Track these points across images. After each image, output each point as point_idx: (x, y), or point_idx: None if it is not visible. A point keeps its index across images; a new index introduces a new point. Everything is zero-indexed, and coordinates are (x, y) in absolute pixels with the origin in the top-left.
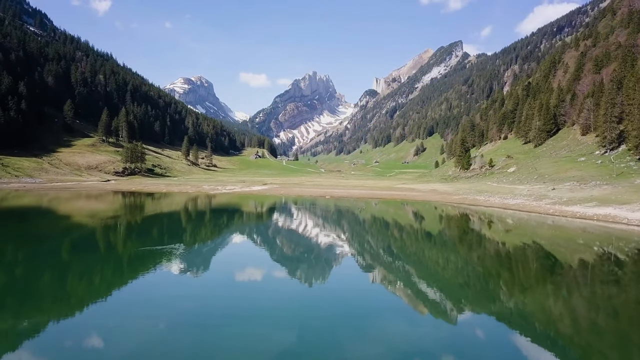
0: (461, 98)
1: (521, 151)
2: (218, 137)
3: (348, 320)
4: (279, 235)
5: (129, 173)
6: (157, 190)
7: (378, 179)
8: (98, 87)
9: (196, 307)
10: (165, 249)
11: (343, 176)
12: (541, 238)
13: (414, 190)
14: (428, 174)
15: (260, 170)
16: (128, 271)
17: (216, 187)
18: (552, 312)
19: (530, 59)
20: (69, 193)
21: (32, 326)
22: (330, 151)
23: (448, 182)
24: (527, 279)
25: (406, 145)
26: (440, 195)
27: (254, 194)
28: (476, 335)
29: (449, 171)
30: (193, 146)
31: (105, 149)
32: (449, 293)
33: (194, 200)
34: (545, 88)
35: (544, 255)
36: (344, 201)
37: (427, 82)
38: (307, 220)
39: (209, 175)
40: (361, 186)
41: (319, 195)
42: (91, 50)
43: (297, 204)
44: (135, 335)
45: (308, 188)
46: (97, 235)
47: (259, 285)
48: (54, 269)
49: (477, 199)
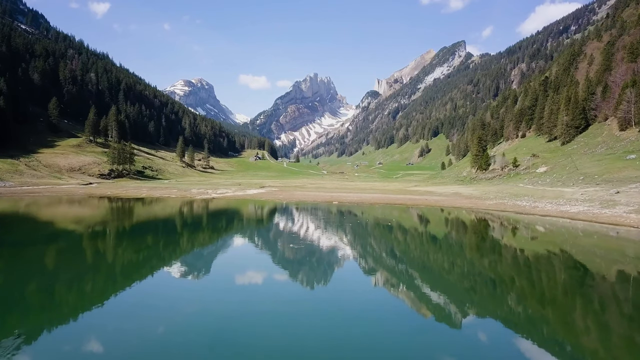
0: (466, 98)
1: (546, 149)
2: (216, 138)
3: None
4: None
5: (115, 175)
6: (136, 195)
7: (385, 181)
8: (89, 86)
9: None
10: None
11: (347, 178)
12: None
13: (433, 194)
14: (438, 176)
15: (260, 172)
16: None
17: (206, 191)
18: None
19: (538, 57)
20: (30, 198)
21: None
22: (331, 153)
23: (467, 184)
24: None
25: (410, 147)
26: (467, 199)
27: (247, 199)
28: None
29: (463, 172)
30: (189, 147)
31: (91, 150)
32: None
33: (171, 208)
34: (568, 81)
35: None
36: (356, 208)
37: (429, 82)
38: (328, 247)
39: (203, 178)
40: (370, 189)
41: (324, 200)
42: (84, 49)
43: (300, 210)
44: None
45: (311, 191)
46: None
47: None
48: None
49: (519, 204)
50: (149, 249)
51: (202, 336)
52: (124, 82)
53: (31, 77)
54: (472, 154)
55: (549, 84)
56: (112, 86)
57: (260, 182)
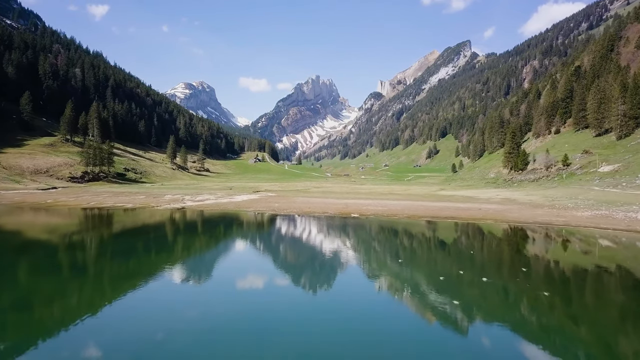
0: (475, 97)
1: (598, 145)
2: (214, 139)
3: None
4: None
5: (90, 179)
6: (86, 205)
7: (401, 184)
8: (72, 81)
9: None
10: None
11: (354, 181)
12: None
13: (477, 201)
14: (457, 178)
15: (258, 175)
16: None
17: (182, 198)
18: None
19: (551, 54)
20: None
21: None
22: (334, 155)
23: (503, 186)
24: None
25: (417, 148)
26: (538, 209)
27: (228, 211)
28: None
29: (490, 173)
30: (181, 148)
31: (66, 150)
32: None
33: (96, 228)
34: (612, 68)
35: None
36: (394, 225)
37: (434, 83)
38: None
39: (194, 181)
40: (389, 193)
41: (337, 210)
42: (73, 45)
43: (302, 234)
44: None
45: (317, 197)
46: None
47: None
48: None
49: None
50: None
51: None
52: (113, 79)
53: (5, 71)
54: (505, 152)
55: (581, 74)
56: (100, 83)
57: (256, 185)
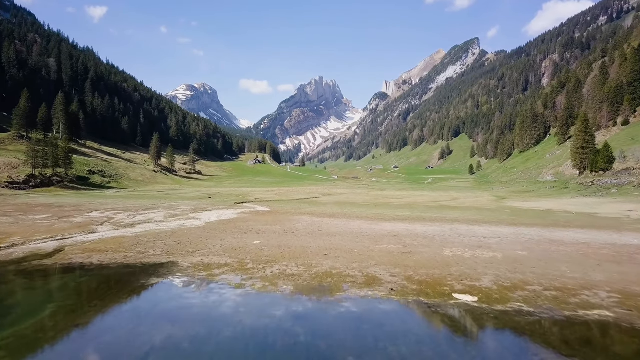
0: (490, 94)
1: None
2: (210, 139)
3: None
4: None
5: (37, 184)
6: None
7: (429, 189)
8: (42, 72)
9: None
10: None
11: (367, 185)
12: None
13: (624, 226)
14: (493, 180)
15: (256, 178)
16: None
17: (104, 220)
18: None
19: (573, 47)
20: None
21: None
22: (338, 157)
23: (589, 194)
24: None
25: (427, 148)
26: None
27: (145, 261)
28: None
29: (546, 175)
30: (168, 148)
31: (16, 149)
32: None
33: None
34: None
35: None
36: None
37: (442, 82)
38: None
39: (175, 186)
40: (439, 207)
41: (395, 264)
42: (54, 36)
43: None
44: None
45: (334, 219)
46: None
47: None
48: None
49: None
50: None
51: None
52: (94, 71)
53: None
54: (574, 147)
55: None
56: (78, 75)
57: (247, 192)
